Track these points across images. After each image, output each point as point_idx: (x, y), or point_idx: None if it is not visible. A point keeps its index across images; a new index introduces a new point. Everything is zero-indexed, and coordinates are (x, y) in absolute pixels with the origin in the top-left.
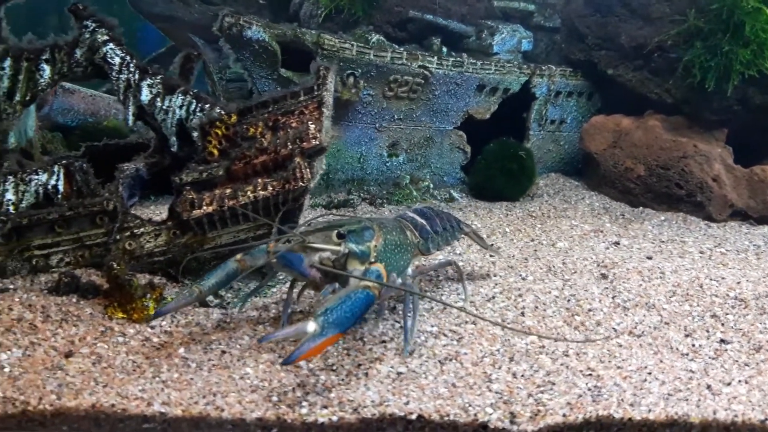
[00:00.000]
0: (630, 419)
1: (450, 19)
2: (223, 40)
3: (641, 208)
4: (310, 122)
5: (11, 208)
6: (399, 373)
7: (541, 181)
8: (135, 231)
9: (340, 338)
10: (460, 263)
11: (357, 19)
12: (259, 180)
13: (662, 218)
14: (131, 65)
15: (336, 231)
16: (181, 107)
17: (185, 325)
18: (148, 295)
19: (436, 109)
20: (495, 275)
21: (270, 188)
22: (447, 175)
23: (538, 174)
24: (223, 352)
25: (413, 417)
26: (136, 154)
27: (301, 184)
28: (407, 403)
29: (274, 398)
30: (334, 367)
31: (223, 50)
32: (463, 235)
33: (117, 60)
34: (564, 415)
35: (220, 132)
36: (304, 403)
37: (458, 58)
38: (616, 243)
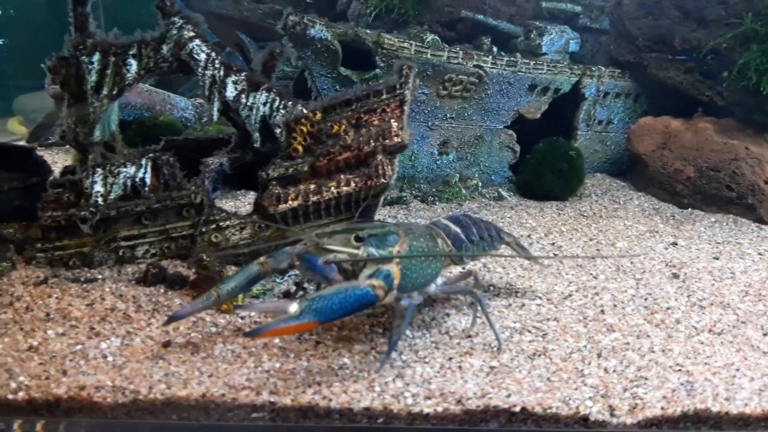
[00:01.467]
0: (727, 413)
1: (499, 20)
2: (286, 39)
3: (690, 209)
4: (392, 120)
5: (100, 199)
6: (492, 367)
7: (587, 181)
8: (221, 224)
9: (315, 326)
10: (516, 263)
11: (406, 19)
12: (342, 176)
13: (712, 219)
14: (216, 62)
15: (354, 234)
16: (264, 104)
17: (273, 315)
18: None
19: (488, 108)
20: (566, 273)
21: (353, 184)
22: (495, 174)
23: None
24: (317, 342)
25: (516, 409)
26: (216, 149)
27: (383, 180)
28: (509, 396)
29: (377, 388)
30: (427, 360)
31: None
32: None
33: (203, 56)
34: (662, 408)
35: (305, 129)
36: (407, 394)
37: (512, 58)
38: (674, 243)
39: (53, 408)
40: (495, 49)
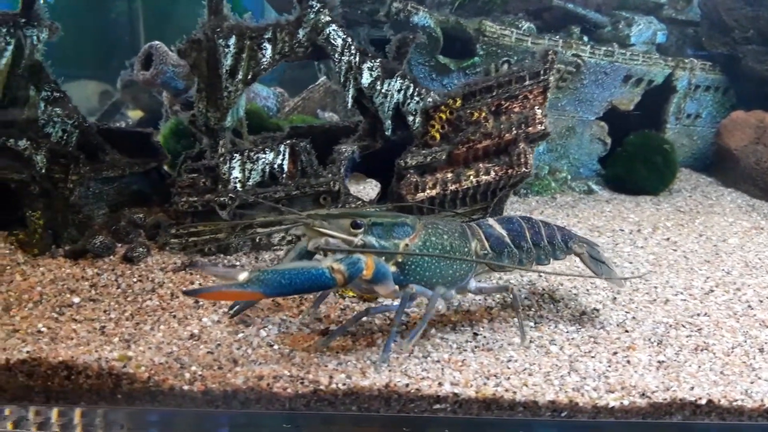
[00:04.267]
0: None
1: (587, 9)
2: (388, 26)
3: None
4: (536, 107)
5: (238, 185)
6: (660, 362)
7: None
8: None
9: (259, 298)
10: (641, 258)
11: (491, 8)
12: (481, 165)
13: None
14: (352, 47)
15: (352, 220)
16: (399, 91)
17: (416, 305)
18: None
19: (582, 99)
20: (698, 269)
21: (493, 173)
22: (584, 167)
23: None
24: (475, 334)
25: (702, 402)
26: (341, 137)
27: (524, 169)
28: (692, 389)
29: (555, 382)
30: (592, 354)
31: None
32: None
33: (339, 42)
34: None
35: (444, 116)
36: (587, 387)
37: (609, 48)
38: None
39: (230, 399)
40: (585, 38)
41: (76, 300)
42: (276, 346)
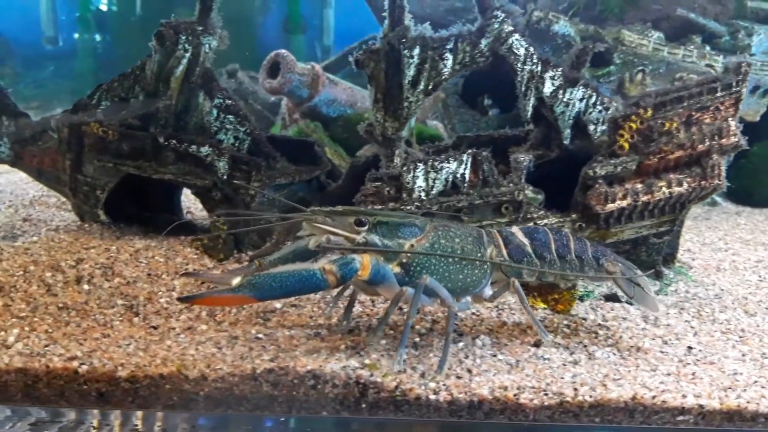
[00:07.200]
0: None
1: (706, 18)
2: (527, 33)
3: None
4: (729, 118)
5: (423, 194)
6: None
7: None
8: (537, 222)
9: (252, 302)
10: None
11: (606, 17)
12: (672, 176)
13: None
14: (535, 57)
15: (356, 218)
16: (581, 100)
17: (613, 318)
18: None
19: None
20: None
21: (685, 184)
22: None
23: None
24: (689, 347)
25: None
26: (511, 146)
27: (717, 182)
28: None
29: None
30: None
31: None
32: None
33: (522, 51)
34: None
35: (634, 126)
36: None
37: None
38: None
39: (475, 409)
40: (708, 48)
41: (278, 305)
42: (500, 356)
